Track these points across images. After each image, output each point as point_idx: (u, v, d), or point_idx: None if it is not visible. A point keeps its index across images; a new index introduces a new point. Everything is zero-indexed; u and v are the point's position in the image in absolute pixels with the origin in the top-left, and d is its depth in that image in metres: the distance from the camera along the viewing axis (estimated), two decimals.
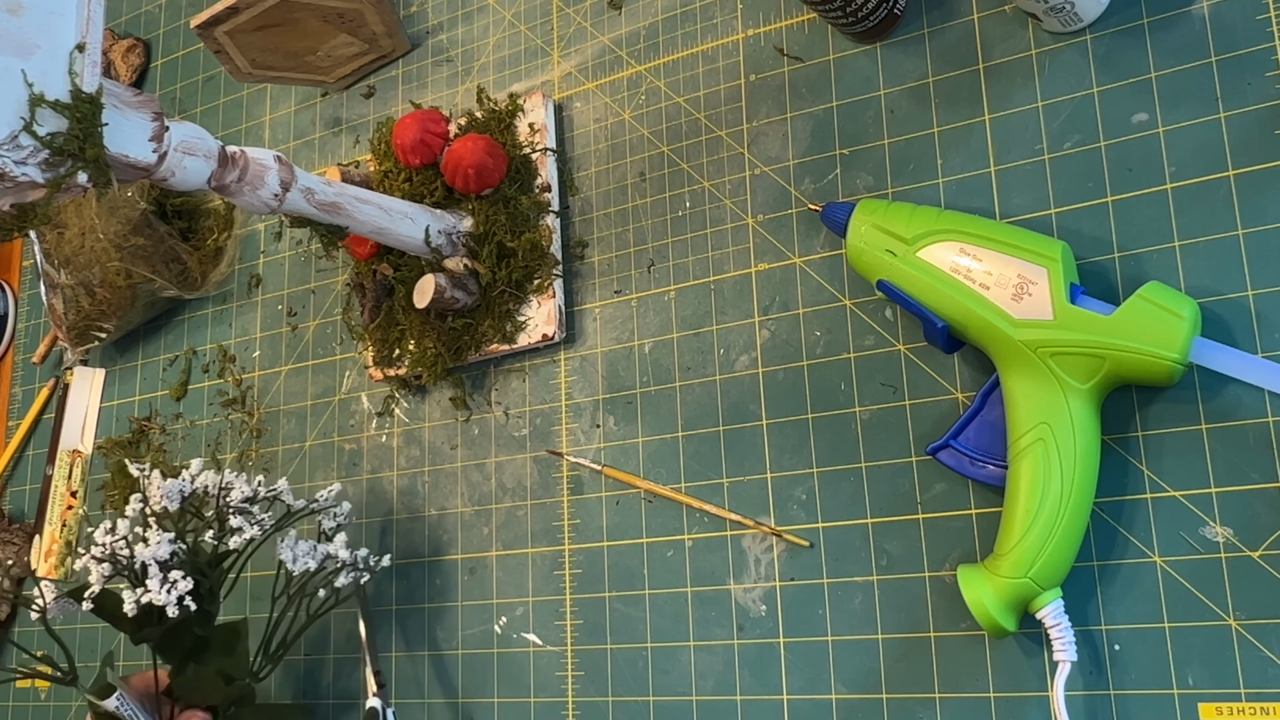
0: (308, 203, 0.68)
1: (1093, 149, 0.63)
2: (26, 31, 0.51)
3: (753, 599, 0.68)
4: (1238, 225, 0.58)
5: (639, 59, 0.80)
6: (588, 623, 0.74)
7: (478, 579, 0.79)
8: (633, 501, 0.74)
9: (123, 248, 0.92)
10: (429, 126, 0.80)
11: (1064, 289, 0.57)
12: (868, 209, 0.63)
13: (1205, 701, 0.55)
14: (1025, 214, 0.64)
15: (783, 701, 0.66)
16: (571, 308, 0.79)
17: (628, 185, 0.78)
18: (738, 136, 0.75)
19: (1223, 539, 0.56)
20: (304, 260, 0.93)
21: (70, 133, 0.52)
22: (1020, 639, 0.60)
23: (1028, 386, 0.58)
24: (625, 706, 0.71)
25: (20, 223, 0.55)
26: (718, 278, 0.73)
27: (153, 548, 0.71)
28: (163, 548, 0.71)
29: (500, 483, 0.79)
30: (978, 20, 0.68)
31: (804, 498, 0.68)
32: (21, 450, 1.07)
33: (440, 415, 0.83)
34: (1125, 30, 0.63)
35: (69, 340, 1.00)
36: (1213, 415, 0.57)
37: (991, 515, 0.62)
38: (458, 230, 0.79)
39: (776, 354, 0.70)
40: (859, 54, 0.71)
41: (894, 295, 0.62)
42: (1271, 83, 0.58)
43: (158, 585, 0.70)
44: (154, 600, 0.69)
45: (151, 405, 0.99)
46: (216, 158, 0.61)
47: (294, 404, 0.91)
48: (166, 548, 0.71)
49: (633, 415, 0.75)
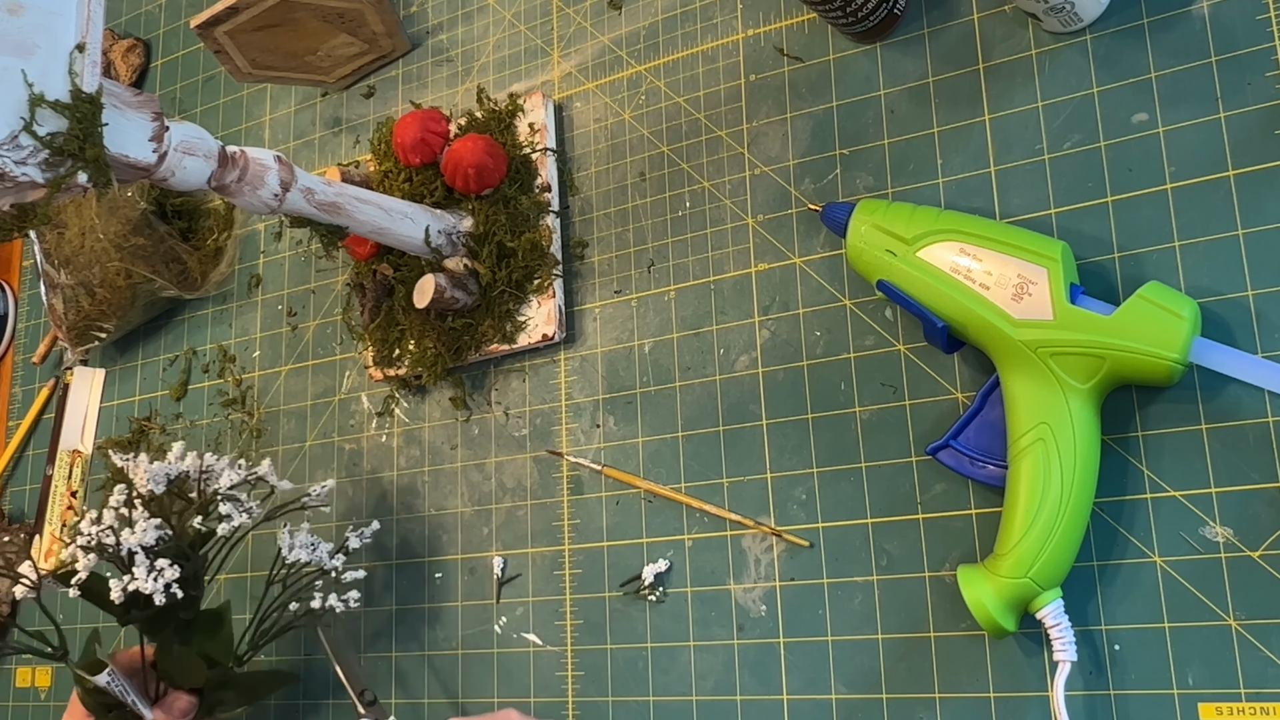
0: (308, 203, 0.68)
1: (1093, 149, 0.63)
2: (26, 31, 0.51)
3: (753, 599, 0.68)
4: (1238, 225, 0.58)
5: (639, 59, 0.80)
6: (588, 623, 0.74)
7: (478, 579, 0.79)
8: (633, 501, 0.74)
9: (123, 248, 0.92)
10: (429, 126, 0.80)
11: (1064, 289, 0.57)
12: (868, 209, 0.63)
13: (1205, 701, 0.55)
14: (1025, 214, 0.64)
15: (783, 701, 0.66)
16: (571, 308, 0.79)
17: (628, 185, 0.78)
18: (738, 136, 0.75)
19: (1223, 539, 0.56)
20: (304, 260, 0.93)
21: (70, 133, 0.52)
22: (1020, 639, 0.60)
23: (1028, 386, 0.58)
24: (625, 706, 0.71)
25: (20, 223, 0.55)
26: (718, 278, 0.73)
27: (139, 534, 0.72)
28: (149, 534, 0.72)
29: (500, 483, 0.79)
30: (978, 20, 0.68)
31: (804, 498, 0.68)
32: (21, 450, 1.07)
33: (440, 415, 0.83)
34: (1125, 30, 0.63)
35: (69, 340, 1.00)
36: (1213, 415, 0.57)
37: (991, 515, 0.62)
38: (458, 230, 0.79)
39: (776, 354, 0.70)
40: (859, 54, 0.71)
41: (894, 295, 0.62)
42: (1271, 83, 0.58)
43: (144, 573, 0.70)
44: (140, 589, 0.70)
45: (151, 405, 0.99)
46: (216, 158, 0.61)
47: (294, 404, 0.91)
48: (153, 533, 0.72)
49: (633, 415, 0.75)
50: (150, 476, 0.75)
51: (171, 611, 0.74)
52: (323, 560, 0.75)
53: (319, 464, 0.88)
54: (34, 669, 1.00)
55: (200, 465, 0.76)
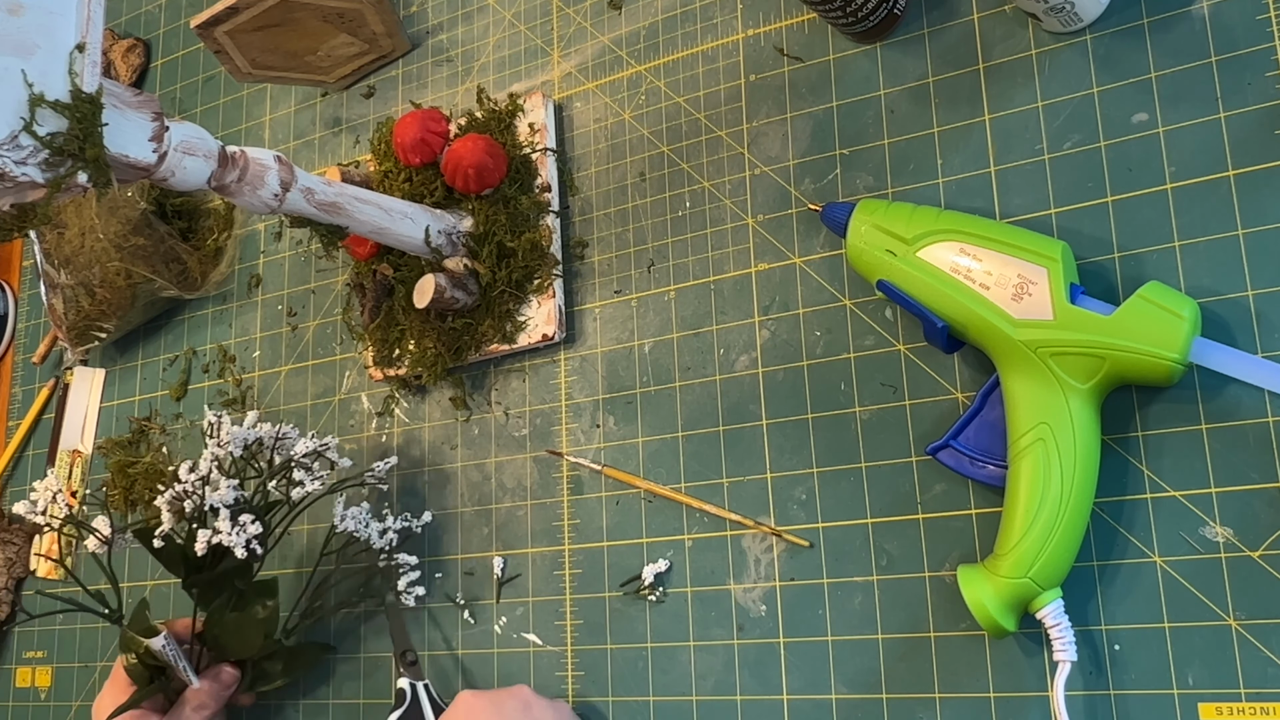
0: (308, 203, 0.68)
1: (1093, 149, 0.63)
2: (26, 31, 0.51)
3: (753, 599, 0.68)
4: (1238, 225, 0.58)
5: (639, 59, 0.80)
6: (588, 623, 0.74)
7: (478, 579, 0.79)
8: (633, 501, 0.74)
9: (123, 248, 0.92)
10: (429, 125, 0.80)
11: (1064, 289, 0.57)
12: (868, 209, 0.63)
13: (1205, 701, 0.55)
14: (1025, 214, 0.64)
15: (783, 701, 0.66)
16: (571, 308, 0.79)
17: (628, 185, 0.78)
18: (738, 136, 0.75)
19: (1223, 539, 0.56)
20: (304, 260, 0.93)
21: (70, 133, 0.52)
22: (1020, 639, 0.60)
23: (1028, 386, 0.58)
24: (625, 706, 0.71)
25: (20, 223, 0.55)
26: (718, 278, 0.73)
27: (221, 492, 0.74)
28: (229, 493, 0.74)
29: (500, 483, 0.79)
30: (978, 20, 0.68)
31: (804, 498, 0.68)
32: (21, 450, 1.07)
33: (440, 415, 0.83)
34: (1125, 30, 0.63)
35: (69, 340, 1.00)
36: (1213, 415, 0.57)
37: (991, 515, 0.62)
38: (458, 230, 0.79)
39: (776, 354, 0.70)
40: (859, 54, 0.71)
41: (894, 295, 0.62)
42: (1271, 83, 0.58)
43: (228, 527, 0.72)
44: (224, 541, 0.72)
45: (151, 405, 0.99)
46: (216, 158, 0.61)
47: (294, 404, 0.91)
48: (231, 494, 0.74)
49: (633, 415, 0.75)
50: (232, 438, 0.77)
51: (228, 579, 0.77)
52: (372, 538, 0.78)
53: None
54: (34, 669, 1.00)
55: (276, 433, 0.78)
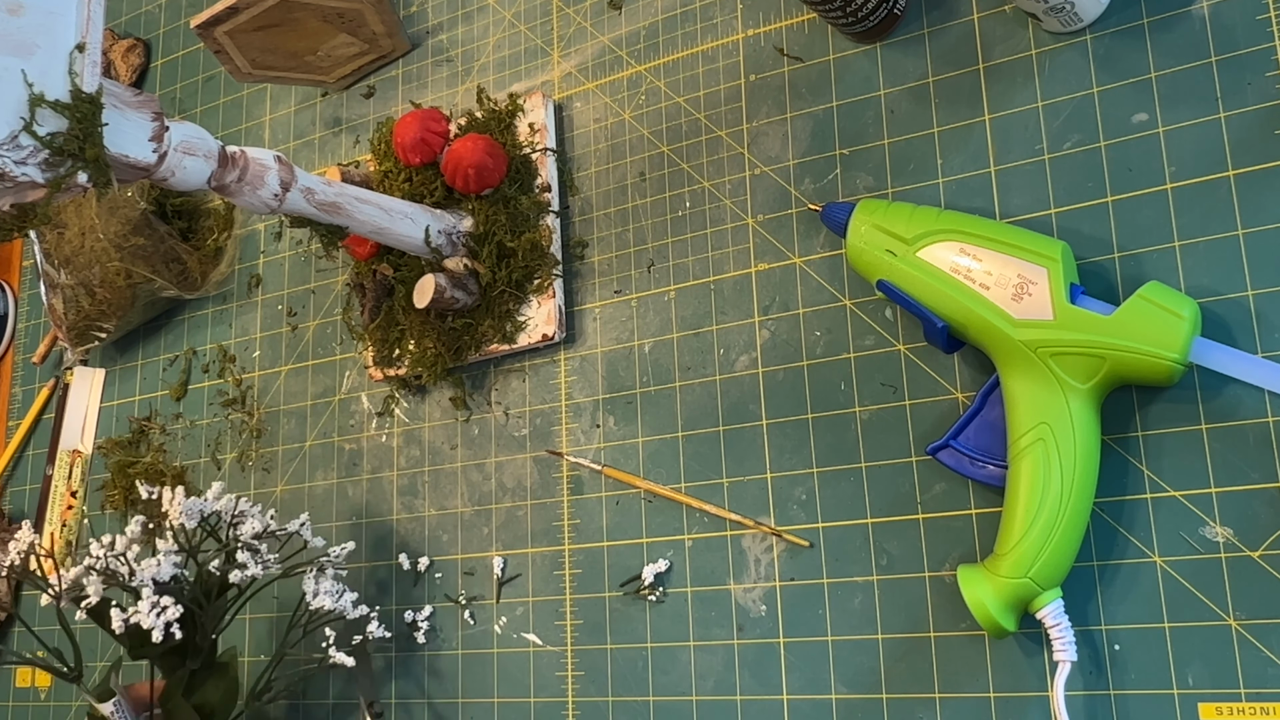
0: (308, 203, 0.68)
1: (1093, 149, 0.63)
2: (26, 31, 0.51)
3: (753, 599, 0.68)
4: (1238, 225, 0.58)
5: (639, 59, 0.80)
6: (588, 623, 0.74)
7: (478, 579, 0.79)
8: (633, 501, 0.74)
9: (123, 248, 0.92)
10: (429, 125, 0.80)
11: (1064, 289, 0.57)
12: (868, 209, 0.63)
13: (1205, 701, 0.55)
14: (1025, 214, 0.64)
15: (783, 701, 0.66)
16: (571, 308, 0.79)
17: (628, 185, 0.78)
18: (738, 136, 0.75)
19: (1223, 539, 0.56)
20: (304, 260, 0.93)
21: (70, 133, 0.52)
22: (1020, 639, 0.60)
23: (1028, 386, 0.58)
24: (625, 706, 0.71)
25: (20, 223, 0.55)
26: (718, 278, 0.73)
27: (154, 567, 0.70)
28: (165, 569, 0.71)
29: (500, 483, 0.79)
30: (978, 20, 0.68)
31: (804, 498, 0.68)
32: (21, 450, 1.07)
33: (440, 415, 0.83)
34: (1125, 30, 0.63)
35: (69, 340, 1.00)
36: (1213, 415, 0.57)
37: (991, 515, 0.62)
38: (458, 230, 0.79)
39: (776, 354, 0.70)
40: (859, 54, 0.71)
41: (894, 295, 0.62)
42: (1271, 83, 0.58)
43: (147, 608, 0.69)
44: (141, 623, 0.69)
45: (151, 405, 0.99)
46: (216, 158, 0.61)
47: (294, 404, 0.91)
48: (169, 570, 0.71)
49: (633, 415, 0.75)
50: (184, 510, 0.73)
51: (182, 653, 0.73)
52: (346, 609, 0.75)
53: (319, 464, 0.88)
54: (34, 669, 1.00)
55: (234, 508, 0.74)
